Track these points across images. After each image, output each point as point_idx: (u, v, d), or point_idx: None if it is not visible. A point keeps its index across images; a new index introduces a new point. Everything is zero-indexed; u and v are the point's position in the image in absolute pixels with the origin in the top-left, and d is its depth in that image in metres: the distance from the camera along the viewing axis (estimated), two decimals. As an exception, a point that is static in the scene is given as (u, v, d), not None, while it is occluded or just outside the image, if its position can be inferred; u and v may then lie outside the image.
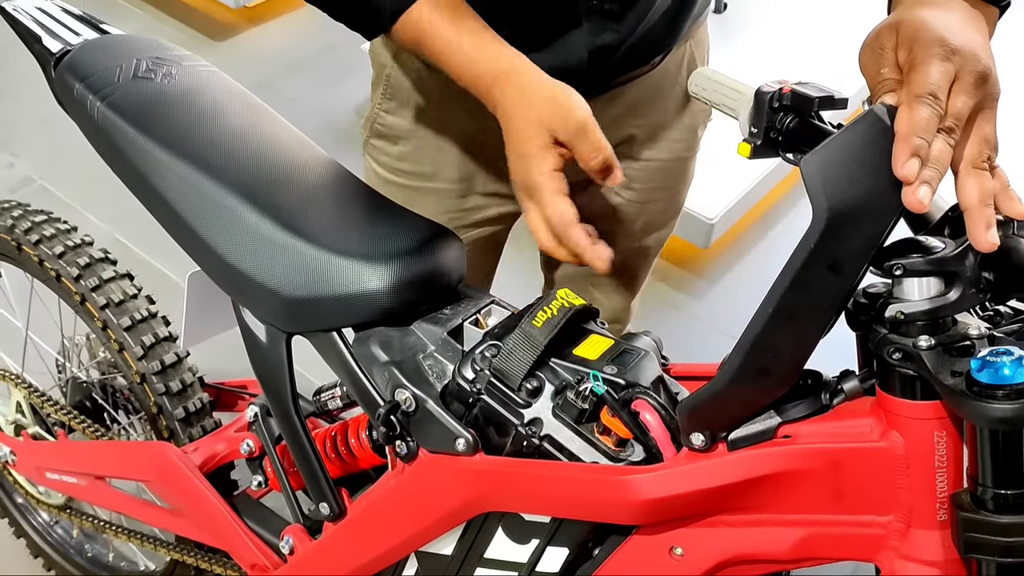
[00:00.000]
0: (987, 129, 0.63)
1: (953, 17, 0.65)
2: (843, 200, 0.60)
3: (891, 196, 0.60)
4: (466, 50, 0.86)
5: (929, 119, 0.61)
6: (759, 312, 0.65)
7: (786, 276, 0.63)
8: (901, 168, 0.60)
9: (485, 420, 0.84)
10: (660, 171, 1.18)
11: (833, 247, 0.61)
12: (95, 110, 0.98)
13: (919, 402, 0.66)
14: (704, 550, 0.77)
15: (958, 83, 0.62)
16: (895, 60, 0.64)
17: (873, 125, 0.60)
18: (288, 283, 0.90)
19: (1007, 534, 0.63)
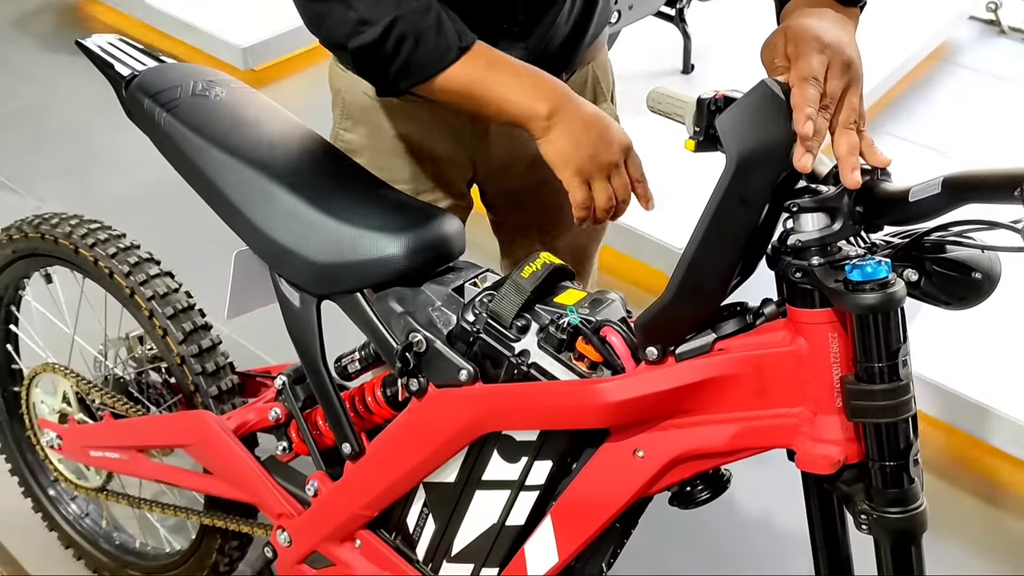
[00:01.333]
0: (854, 101, 0.86)
1: (826, 22, 0.88)
2: (747, 147, 0.81)
3: (781, 145, 0.82)
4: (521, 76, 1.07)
5: (814, 95, 0.83)
6: (691, 239, 0.86)
7: (709, 209, 0.84)
8: (802, 128, 0.82)
9: (483, 354, 1.04)
10: None
11: (742, 184, 0.82)
12: (162, 120, 1.20)
13: (815, 310, 0.86)
14: (660, 450, 0.96)
15: (831, 70, 0.85)
16: (784, 53, 0.87)
17: (765, 93, 0.83)
18: (320, 252, 1.11)
19: (881, 398, 0.82)
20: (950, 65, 3.71)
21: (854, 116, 0.85)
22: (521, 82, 1.07)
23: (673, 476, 0.98)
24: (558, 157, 1.06)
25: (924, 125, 3.31)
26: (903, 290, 0.81)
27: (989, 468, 2.12)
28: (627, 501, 0.99)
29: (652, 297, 0.91)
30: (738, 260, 0.87)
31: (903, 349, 0.83)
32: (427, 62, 1.05)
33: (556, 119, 1.06)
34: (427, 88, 1.08)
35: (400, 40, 1.03)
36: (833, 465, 0.88)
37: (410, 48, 1.04)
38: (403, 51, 1.04)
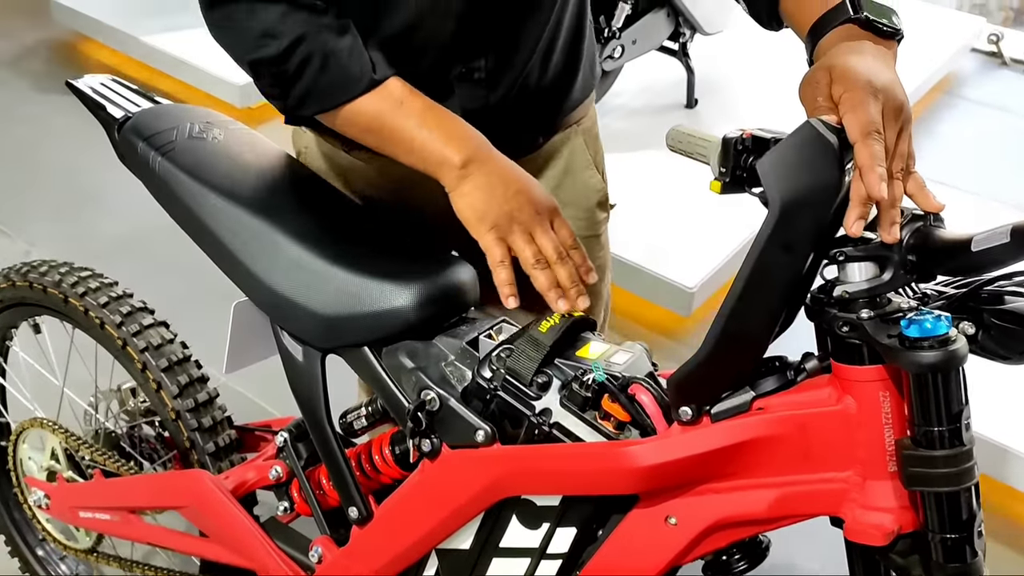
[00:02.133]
0: (904, 147, 0.80)
1: (872, 59, 0.82)
2: (791, 191, 0.75)
3: (829, 190, 0.76)
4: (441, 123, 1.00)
5: (880, 152, 0.76)
6: (731, 290, 0.80)
7: (750, 258, 0.78)
8: (877, 192, 0.75)
9: (501, 413, 0.97)
10: None
11: (785, 231, 0.76)
12: (156, 164, 1.14)
13: (865, 367, 0.80)
14: (694, 517, 0.89)
15: (885, 118, 0.78)
16: (828, 93, 0.80)
17: (811, 134, 0.76)
18: (325, 304, 1.04)
19: (942, 465, 0.76)
20: (953, 98, 3.69)
21: (902, 163, 0.79)
22: (436, 125, 1.00)
23: (708, 545, 0.90)
24: (471, 212, 0.99)
25: (930, 158, 3.26)
26: (965, 347, 0.75)
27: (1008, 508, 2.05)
28: (660, 570, 0.91)
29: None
30: (781, 311, 0.80)
31: (965, 412, 0.76)
32: (334, 89, 0.99)
33: (471, 169, 0.99)
34: (331, 119, 1.02)
35: (305, 60, 0.97)
36: (887, 536, 0.81)
37: (315, 70, 0.97)
38: (307, 73, 0.98)
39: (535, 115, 1.19)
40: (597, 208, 1.30)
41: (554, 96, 1.20)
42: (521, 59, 1.11)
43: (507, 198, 0.99)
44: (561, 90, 1.20)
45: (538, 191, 1.02)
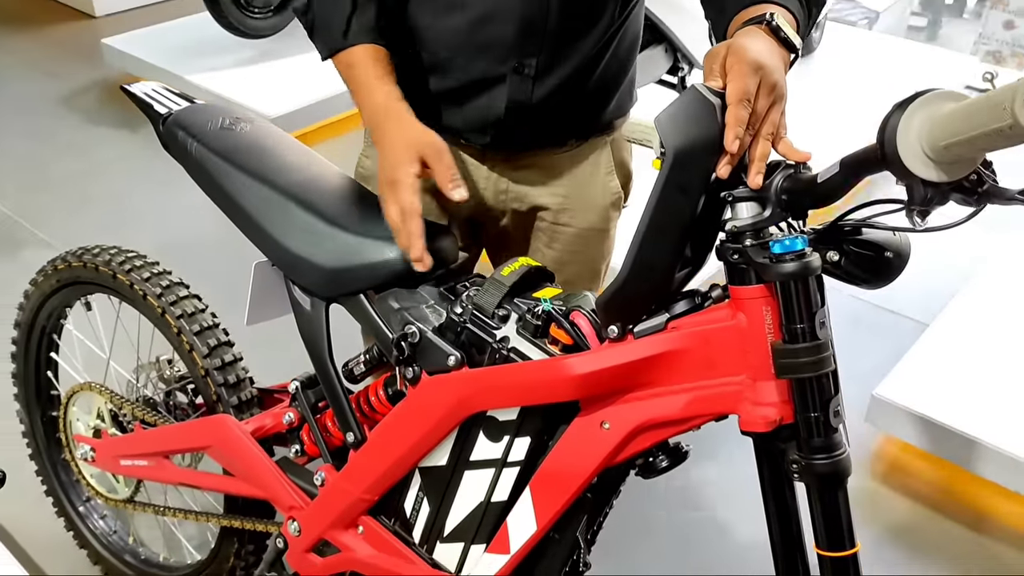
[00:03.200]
0: (775, 116, 0.99)
1: (763, 47, 1.02)
2: (682, 142, 0.95)
3: (711, 140, 0.96)
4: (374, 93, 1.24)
5: (744, 116, 0.96)
6: (639, 226, 0.99)
7: (652, 198, 0.98)
8: (729, 145, 0.95)
9: (469, 342, 1.17)
10: (577, 237, 1.47)
11: (679, 175, 0.96)
12: (193, 148, 1.37)
13: (751, 287, 0.99)
14: (623, 420, 1.08)
15: (761, 89, 0.98)
16: (723, 64, 1.00)
17: (696, 96, 0.97)
18: (328, 258, 1.26)
19: (803, 355, 0.94)
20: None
21: (772, 129, 0.99)
22: (358, 91, 1.25)
23: (636, 445, 1.09)
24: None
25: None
26: (817, 260, 0.94)
27: (976, 498, 2.19)
28: (595, 468, 1.10)
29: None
30: (682, 244, 1.00)
31: (820, 312, 0.95)
32: (322, 43, 1.29)
33: (373, 133, 1.24)
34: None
35: (313, 19, 1.29)
36: (770, 424, 1.00)
37: (317, 25, 1.29)
38: (313, 25, 1.29)
39: (571, 119, 1.38)
40: (611, 207, 1.49)
41: (590, 108, 1.39)
42: (567, 68, 1.31)
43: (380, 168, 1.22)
44: (598, 104, 1.39)
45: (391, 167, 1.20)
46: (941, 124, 0.77)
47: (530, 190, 1.44)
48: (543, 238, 1.48)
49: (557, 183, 1.44)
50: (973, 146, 0.75)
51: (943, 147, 0.77)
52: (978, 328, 2.41)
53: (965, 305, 2.51)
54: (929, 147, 0.78)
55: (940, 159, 0.79)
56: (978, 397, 2.20)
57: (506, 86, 1.31)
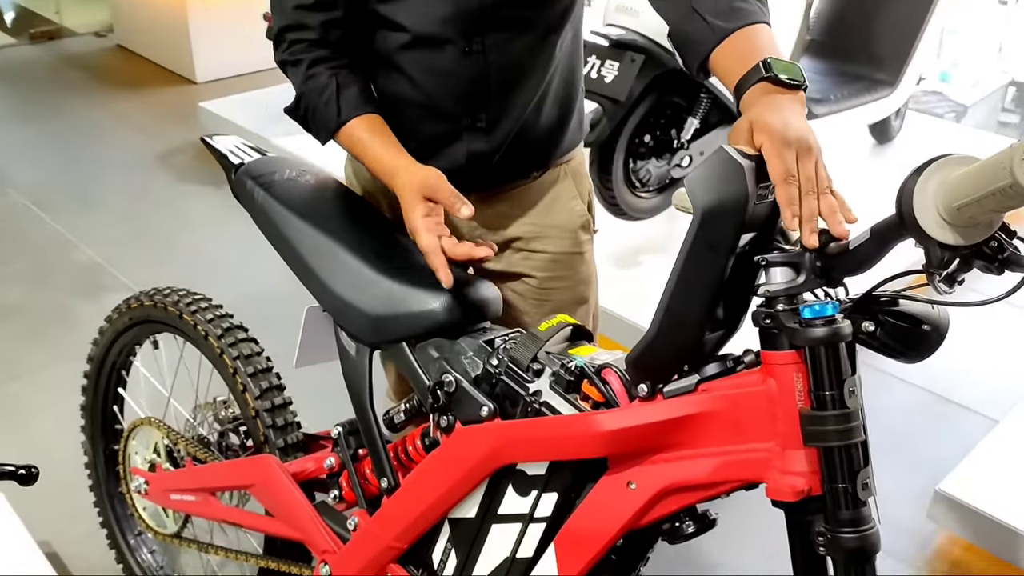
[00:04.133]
0: (820, 173, 1.00)
1: (785, 112, 1.03)
2: (710, 202, 0.97)
3: (739, 199, 0.96)
4: (379, 155, 1.35)
5: (794, 192, 0.97)
6: (668, 284, 1.01)
7: (681, 256, 0.99)
8: (791, 224, 0.96)
9: (503, 395, 1.19)
10: (552, 262, 1.54)
11: (708, 233, 0.97)
12: (259, 196, 1.45)
13: (782, 352, 0.99)
14: (650, 481, 1.07)
15: (800, 159, 0.99)
16: (749, 138, 1.01)
17: (724, 157, 0.98)
18: (374, 306, 1.30)
19: (832, 423, 0.93)
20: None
21: (812, 186, 0.99)
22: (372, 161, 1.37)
23: (663, 508, 1.08)
24: None
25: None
26: (848, 327, 0.93)
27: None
28: (620, 528, 1.09)
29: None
30: (712, 303, 1.00)
31: (850, 380, 0.94)
32: (320, 129, 1.41)
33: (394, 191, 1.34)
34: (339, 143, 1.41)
35: (305, 109, 1.41)
36: (797, 494, 0.98)
37: (311, 116, 1.41)
38: (308, 117, 1.41)
39: (529, 157, 1.49)
40: (580, 230, 1.57)
41: (545, 143, 1.50)
42: (515, 115, 1.43)
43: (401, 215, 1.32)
44: (551, 138, 1.50)
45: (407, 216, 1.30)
46: (953, 186, 0.77)
47: (502, 223, 1.53)
48: (523, 267, 1.54)
49: (526, 213, 1.53)
50: (982, 207, 0.75)
51: (956, 208, 0.77)
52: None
53: (1040, 403, 2.41)
54: (944, 209, 0.78)
55: (955, 221, 0.78)
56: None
57: (463, 141, 1.43)
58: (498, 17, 1.34)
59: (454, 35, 1.34)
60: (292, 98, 1.44)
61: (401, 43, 1.37)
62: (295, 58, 1.38)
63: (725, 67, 1.15)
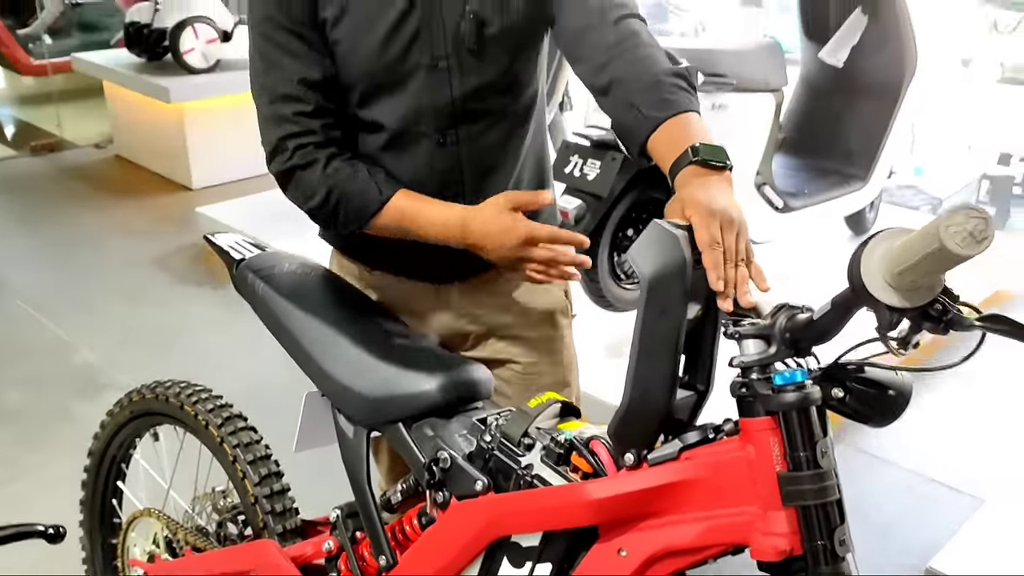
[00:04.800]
0: (740, 245, 1.09)
1: (712, 190, 1.13)
2: (654, 270, 1.04)
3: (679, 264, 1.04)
4: (437, 212, 1.40)
5: (718, 257, 1.07)
6: (631, 354, 1.07)
7: (638, 326, 1.06)
8: (716, 285, 1.06)
9: (496, 469, 1.24)
10: (535, 348, 1.61)
11: (657, 299, 1.04)
12: (259, 289, 1.52)
13: (758, 419, 1.05)
14: (640, 547, 1.12)
15: (724, 230, 1.09)
16: (681, 214, 1.11)
17: (659, 228, 1.07)
18: (371, 388, 1.37)
19: (808, 483, 0.99)
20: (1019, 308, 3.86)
21: (740, 256, 1.09)
22: (429, 222, 1.40)
23: (652, 574, 1.12)
24: (490, 259, 1.40)
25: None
26: (817, 392, 1.00)
27: None
28: (612, 598, 1.13)
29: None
30: (674, 364, 1.07)
31: (822, 442, 1.00)
32: (360, 212, 1.43)
33: (467, 240, 1.39)
34: (370, 229, 1.44)
35: (338, 200, 1.42)
36: (780, 553, 1.02)
37: (345, 203, 1.42)
38: (341, 208, 1.42)
39: None
40: (560, 315, 1.64)
41: None
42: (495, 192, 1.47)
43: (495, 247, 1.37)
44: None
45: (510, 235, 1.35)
46: (894, 254, 0.85)
47: (483, 313, 1.59)
48: (507, 354, 1.60)
49: (504, 301, 1.60)
50: (919, 270, 0.83)
51: (898, 273, 0.85)
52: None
53: None
54: (888, 275, 0.86)
55: (898, 286, 0.86)
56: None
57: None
58: (467, 111, 1.45)
59: (429, 129, 1.45)
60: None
61: (380, 142, 1.47)
62: (307, 160, 1.42)
63: (660, 152, 1.26)
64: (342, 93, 1.44)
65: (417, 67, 1.40)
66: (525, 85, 1.50)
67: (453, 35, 1.40)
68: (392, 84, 1.41)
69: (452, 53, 1.40)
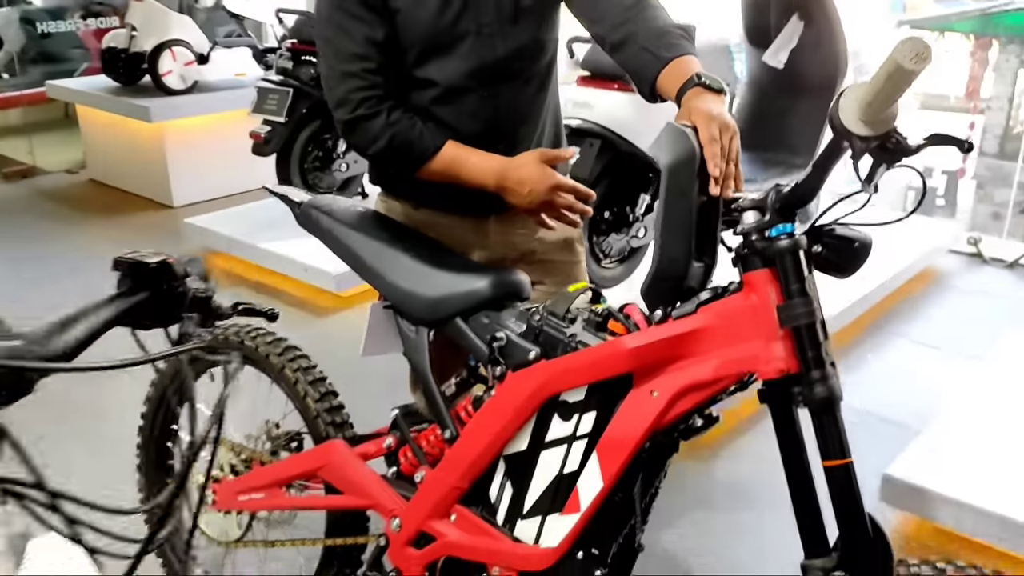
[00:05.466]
0: (734, 144, 1.40)
1: (710, 103, 1.44)
2: (671, 159, 1.34)
3: (690, 154, 1.34)
4: (481, 160, 1.70)
5: (717, 150, 1.37)
6: (655, 230, 1.37)
7: (660, 207, 1.36)
8: (715, 171, 1.36)
9: (545, 342, 1.52)
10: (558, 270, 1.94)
11: (674, 183, 1.34)
12: (325, 222, 1.79)
13: (758, 271, 1.35)
14: (668, 387, 1.40)
15: (721, 131, 1.40)
16: (688, 117, 1.42)
17: (674, 127, 1.36)
18: (430, 291, 1.64)
19: (799, 307, 1.28)
20: (942, 287, 4.32)
21: (734, 154, 1.40)
22: (473, 168, 1.71)
23: (679, 408, 1.40)
24: (516, 205, 1.72)
25: (923, 326, 3.86)
26: (804, 239, 1.31)
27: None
28: (648, 427, 1.41)
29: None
30: (691, 235, 1.36)
31: (808, 279, 1.31)
32: (418, 156, 1.72)
33: (502, 185, 1.68)
34: (421, 172, 1.74)
35: (398, 147, 1.70)
36: (780, 372, 1.32)
37: (405, 149, 1.71)
38: (401, 151, 1.71)
39: None
40: (576, 243, 1.98)
41: None
42: (522, 148, 1.80)
43: (526, 195, 1.68)
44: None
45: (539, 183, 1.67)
46: (863, 91, 1.16)
47: (516, 240, 1.90)
48: (536, 275, 1.89)
49: (534, 230, 1.89)
50: (882, 95, 1.14)
51: (867, 104, 1.16)
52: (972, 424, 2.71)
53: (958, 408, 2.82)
54: (859, 110, 1.17)
55: (866, 119, 1.18)
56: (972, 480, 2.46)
57: None
58: (506, 70, 1.76)
59: (475, 85, 1.75)
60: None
61: (434, 96, 1.76)
62: (373, 110, 1.70)
63: (669, 83, 1.58)
64: (400, 55, 1.72)
65: (466, 33, 1.70)
66: (548, 49, 1.81)
67: (495, 6, 1.70)
68: (445, 47, 1.71)
69: (495, 21, 1.71)
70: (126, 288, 0.99)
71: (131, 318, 0.96)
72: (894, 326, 3.87)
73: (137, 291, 1.00)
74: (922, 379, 3.40)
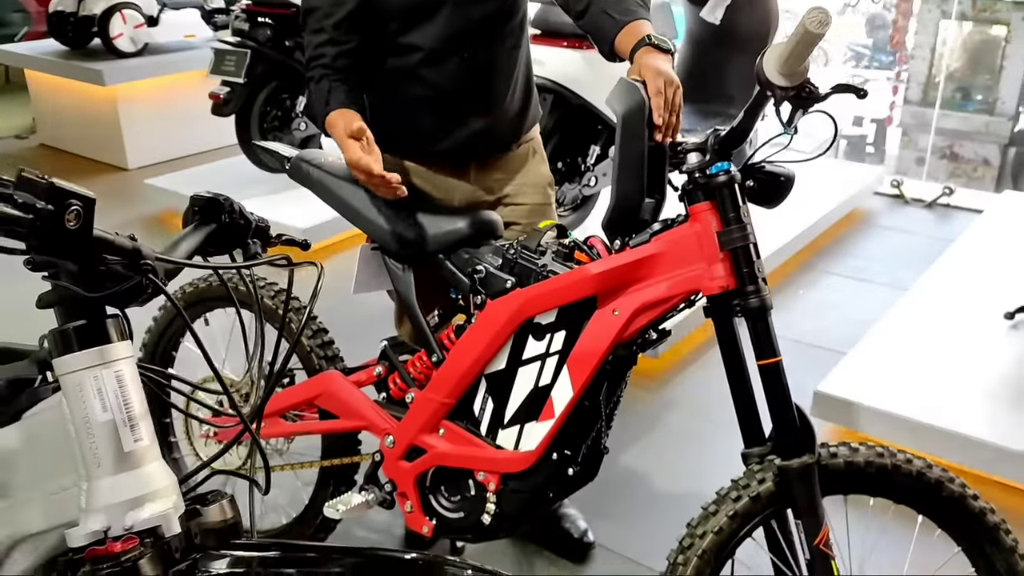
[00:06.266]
0: (678, 97, 1.63)
1: (658, 60, 1.66)
2: (625, 108, 1.57)
3: (640, 104, 1.57)
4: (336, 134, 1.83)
5: (661, 102, 1.60)
6: (613, 170, 1.60)
7: (616, 150, 1.58)
8: (658, 120, 1.59)
9: (520, 271, 1.74)
10: (531, 212, 2.12)
11: (628, 129, 1.57)
12: (314, 173, 1.98)
13: (701, 204, 1.58)
14: (627, 305, 1.64)
15: (665, 83, 1.62)
16: (639, 74, 1.64)
17: (627, 82, 1.59)
18: (414, 231, 1.84)
19: (735, 232, 1.52)
20: (868, 226, 4.63)
21: (677, 107, 1.63)
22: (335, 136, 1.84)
23: (637, 324, 1.64)
24: None
25: (850, 263, 4.16)
26: (739, 175, 1.54)
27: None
28: (611, 342, 1.64)
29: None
30: (644, 175, 1.59)
31: (743, 209, 1.54)
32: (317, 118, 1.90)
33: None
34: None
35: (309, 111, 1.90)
36: (721, 287, 1.56)
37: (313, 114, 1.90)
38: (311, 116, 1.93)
39: (510, 132, 2.08)
40: (548, 187, 2.16)
41: (518, 121, 2.09)
42: (499, 103, 2.01)
43: None
44: (521, 117, 2.10)
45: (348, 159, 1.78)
46: (780, 50, 1.40)
47: (494, 184, 2.09)
48: (510, 217, 2.10)
49: (510, 176, 2.10)
50: (795, 53, 1.37)
51: (785, 60, 1.39)
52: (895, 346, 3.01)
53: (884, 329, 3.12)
54: (778, 63, 1.41)
55: (784, 72, 1.41)
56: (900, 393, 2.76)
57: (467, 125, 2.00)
58: (482, 32, 1.94)
59: (453, 48, 1.93)
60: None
61: (417, 59, 1.94)
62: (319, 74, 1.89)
63: (624, 42, 1.79)
64: (385, 23, 1.90)
65: (444, 2, 1.89)
66: (519, 9, 2.01)
67: None
68: (426, 15, 1.89)
69: None
70: (199, 220, 1.21)
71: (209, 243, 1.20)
72: (824, 264, 4.18)
73: (209, 222, 1.21)
74: (851, 309, 3.71)
